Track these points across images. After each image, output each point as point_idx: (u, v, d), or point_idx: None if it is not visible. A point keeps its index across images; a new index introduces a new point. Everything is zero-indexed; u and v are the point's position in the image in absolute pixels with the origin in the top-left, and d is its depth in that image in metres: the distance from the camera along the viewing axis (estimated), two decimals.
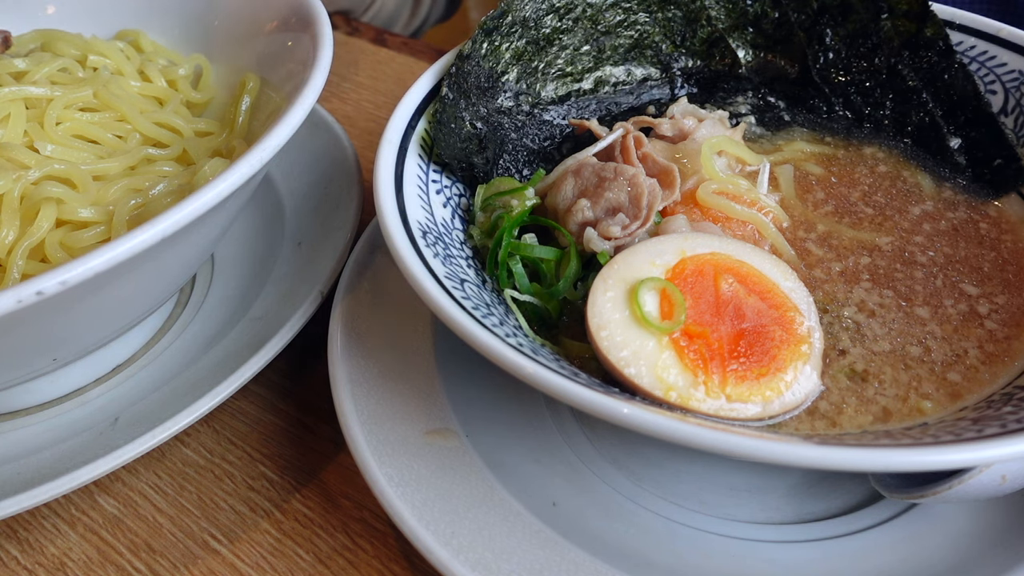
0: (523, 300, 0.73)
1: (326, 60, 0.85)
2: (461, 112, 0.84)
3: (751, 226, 0.77)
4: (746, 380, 0.65)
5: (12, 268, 0.78)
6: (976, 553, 0.69)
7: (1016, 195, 0.84)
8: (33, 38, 1.05)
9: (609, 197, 0.76)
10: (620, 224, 0.74)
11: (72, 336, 0.76)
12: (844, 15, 0.94)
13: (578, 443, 0.80)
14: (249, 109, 1.00)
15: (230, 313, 0.94)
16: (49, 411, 0.86)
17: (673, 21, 0.99)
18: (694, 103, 0.90)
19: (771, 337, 0.67)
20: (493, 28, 0.90)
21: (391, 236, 0.69)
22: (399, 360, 0.83)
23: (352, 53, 1.54)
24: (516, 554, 0.67)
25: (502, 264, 0.74)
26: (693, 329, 0.66)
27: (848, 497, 0.75)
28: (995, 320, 0.73)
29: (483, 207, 0.81)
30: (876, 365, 0.69)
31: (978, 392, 0.68)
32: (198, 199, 0.67)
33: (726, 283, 0.69)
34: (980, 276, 0.77)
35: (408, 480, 0.71)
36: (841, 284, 0.76)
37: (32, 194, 0.81)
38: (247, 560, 0.77)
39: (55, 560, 0.78)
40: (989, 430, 0.57)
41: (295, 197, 1.07)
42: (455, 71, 0.86)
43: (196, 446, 0.87)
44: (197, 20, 1.10)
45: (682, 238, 0.71)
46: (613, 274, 0.68)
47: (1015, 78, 0.88)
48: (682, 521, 0.73)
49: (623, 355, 0.65)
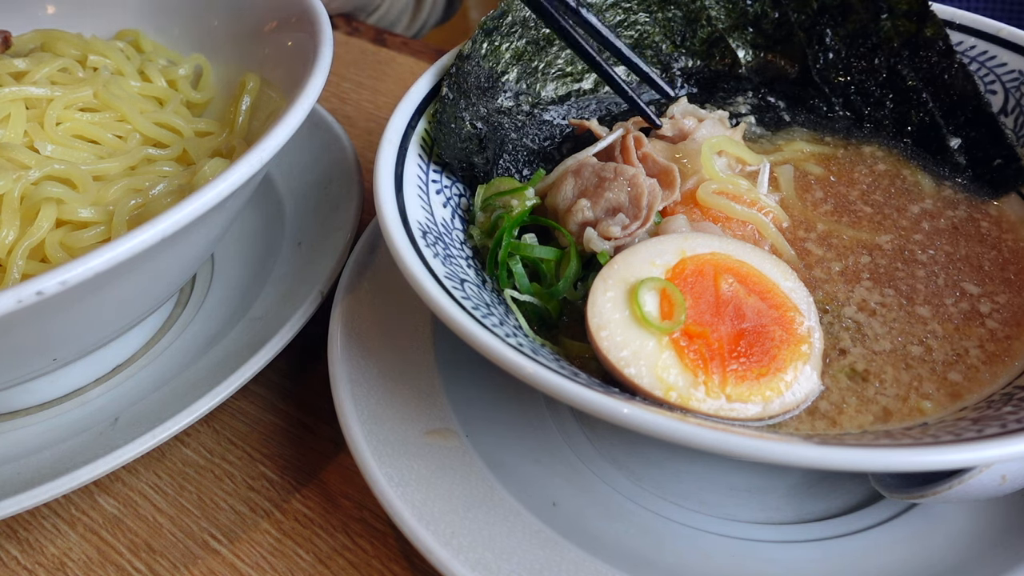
0: (523, 300, 0.73)
1: (326, 60, 0.85)
2: (461, 112, 0.84)
3: (751, 226, 0.77)
4: (746, 380, 0.65)
5: (12, 268, 0.78)
6: (976, 553, 0.69)
7: (1016, 195, 0.84)
8: (33, 38, 1.05)
9: (609, 197, 0.76)
10: (620, 224, 0.74)
11: (72, 336, 0.76)
12: (844, 15, 0.94)
13: (578, 443, 0.80)
14: (249, 109, 1.00)
15: (230, 313, 0.94)
16: (49, 411, 0.86)
17: (673, 21, 0.99)
18: (694, 103, 0.90)
19: (771, 337, 0.67)
20: (493, 28, 0.90)
21: (391, 236, 0.69)
22: (399, 360, 0.83)
23: (352, 53, 1.54)
24: (516, 554, 0.67)
25: (502, 264, 0.74)
26: (693, 329, 0.66)
27: (848, 497, 0.75)
28: (996, 319, 0.73)
29: (483, 207, 0.81)
30: (877, 365, 0.69)
31: (978, 392, 0.68)
32: (198, 199, 0.67)
33: (726, 283, 0.69)
34: (980, 275, 0.77)
35: (408, 480, 0.71)
36: (841, 284, 0.76)
37: (32, 194, 0.81)
38: (247, 560, 0.77)
39: (55, 560, 0.78)
40: (989, 430, 0.57)
41: (295, 197, 1.07)
42: (455, 71, 0.86)
43: (196, 446, 0.87)
44: (197, 20, 1.10)
45: (682, 238, 0.71)
46: (613, 274, 0.68)
47: (1015, 78, 0.88)
48: (682, 521, 0.73)
49: (623, 355, 0.65)
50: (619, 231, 0.74)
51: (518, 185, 0.80)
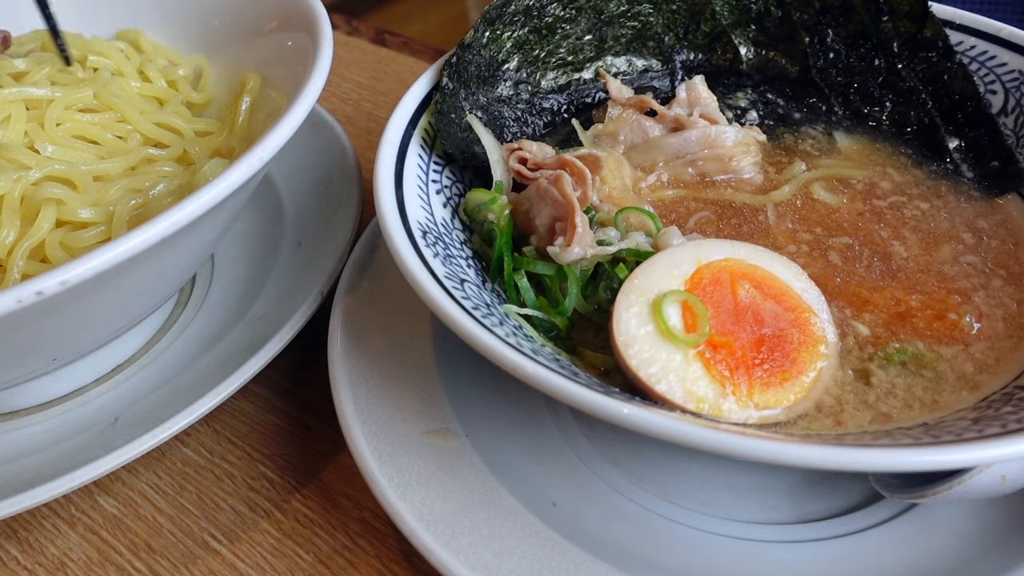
0: (531, 315, 0.72)
1: (326, 60, 0.85)
2: (461, 102, 0.85)
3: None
4: (771, 386, 0.65)
5: (12, 268, 0.78)
6: (976, 553, 0.69)
7: (1016, 195, 0.84)
8: (33, 38, 1.05)
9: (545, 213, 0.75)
10: (559, 245, 0.73)
11: (72, 336, 0.76)
12: (846, 15, 0.94)
13: (578, 443, 0.80)
14: (249, 109, 1.00)
15: (230, 313, 0.94)
16: (49, 411, 0.86)
17: (677, 14, 0.99)
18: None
19: (790, 340, 0.67)
20: (496, 17, 0.90)
21: (391, 236, 0.69)
22: (399, 360, 0.83)
23: (352, 53, 1.54)
24: (516, 554, 0.67)
25: (508, 280, 0.74)
26: (717, 339, 0.66)
27: (848, 497, 0.75)
28: (996, 319, 0.73)
29: (471, 219, 0.80)
30: (878, 364, 0.69)
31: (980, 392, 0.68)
32: (198, 199, 0.67)
33: (743, 289, 0.69)
34: (981, 275, 0.77)
35: (408, 480, 0.71)
36: (842, 284, 0.76)
37: (32, 195, 0.81)
38: (247, 560, 0.77)
39: (55, 560, 0.78)
40: (989, 430, 0.57)
41: (295, 197, 1.07)
42: (456, 60, 0.86)
43: (196, 446, 0.87)
44: (197, 20, 1.10)
45: (696, 246, 0.71)
46: (635, 289, 0.68)
47: (1015, 78, 0.88)
48: (682, 521, 0.73)
49: (652, 371, 0.65)
50: (559, 251, 0.72)
51: (489, 196, 0.78)
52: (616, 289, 0.69)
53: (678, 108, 0.89)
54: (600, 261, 0.73)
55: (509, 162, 0.81)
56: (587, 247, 0.72)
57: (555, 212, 0.75)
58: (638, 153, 0.86)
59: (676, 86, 0.96)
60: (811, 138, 0.92)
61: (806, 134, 0.93)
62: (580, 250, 0.71)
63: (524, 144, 0.82)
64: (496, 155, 0.82)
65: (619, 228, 0.76)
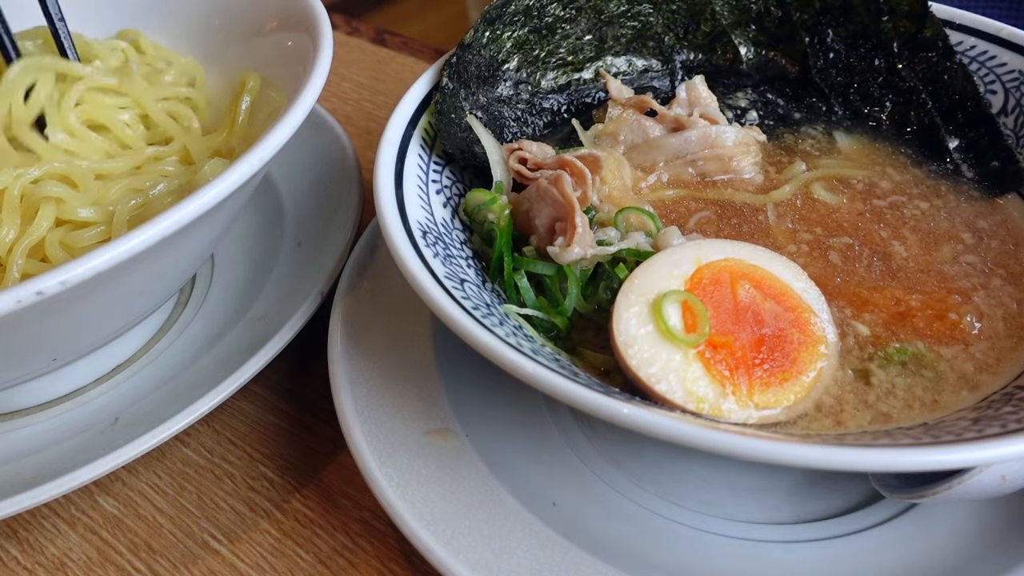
0: (531, 315, 0.72)
1: (326, 60, 0.85)
2: (461, 102, 0.85)
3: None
4: (771, 386, 0.65)
5: (12, 267, 0.78)
6: (976, 553, 0.69)
7: (1016, 195, 0.84)
8: (34, 35, 1.05)
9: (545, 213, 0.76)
10: (559, 245, 0.73)
11: (72, 336, 0.76)
12: (846, 15, 0.94)
13: (578, 443, 0.80)
14: (249, 109, 0.99)
15: (230, 313, 0.94)
16: (49, 411, 0.86)
17: (677, 14, 0.99)
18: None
19: (790, 340, 0.67)
20: (496, 17, 0.90)
21: (391, 236, 0.69)
22: (399, 360, 0.83)
23: (352, 53, 1.54)
24: (516, 554, 0.67)
25: (508, 280, 0.74)
26: (717, 339, 0.66)
27: (848, 497, 0.75)
28: (996, 319, 0.73)
29: (471, 219, 0.80)
30: (878, 364, 0.69)
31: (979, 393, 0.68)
32: (198, 199, 0.67)
33: (743, 289, 0.69)
34: (981, 275, 0.77)
35: (408, 480, 0.71)
36: (842, 284, 0.76)
37: (32, 193, 0.81)
38: (247, 560, 0.77)
39: (55, 560, 0.78)
40: (989, 430, 0.57)
41: (295, 197, 1.07)
42: (456, 60, 0.86)
43: (196, 446, 0.87)
44: (197, 20, 1.10)
45: (696, 246, 0.71)
46: (635, 289, 0.68)
47: (1015, 78, 0.88)
48: (682, 521, 0.73)
49: (652, 371, 0.65)
50: (560, 251, 0.72)
51: (488, 196, 0.79)
52: (616, 289, 0.69)
53: (678, 108, 0.89)
54: (600, 261, 0.73)
55: (509, 162, 0.82)
56: (587, 247, 0.72)
57: (555, 212, 0.75)
58: (638, 153, 0.86)
59: (676, 86, 0.96)
60: (811, 138, 0.92)
61: (806, 134, 0.93)
62: (580, 250, 0.71)
63: (524, 144, 0.82)
64: (496, 155, 0.83)
65: (619, 228, 0.76)
